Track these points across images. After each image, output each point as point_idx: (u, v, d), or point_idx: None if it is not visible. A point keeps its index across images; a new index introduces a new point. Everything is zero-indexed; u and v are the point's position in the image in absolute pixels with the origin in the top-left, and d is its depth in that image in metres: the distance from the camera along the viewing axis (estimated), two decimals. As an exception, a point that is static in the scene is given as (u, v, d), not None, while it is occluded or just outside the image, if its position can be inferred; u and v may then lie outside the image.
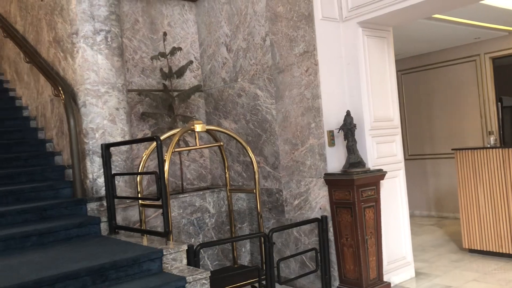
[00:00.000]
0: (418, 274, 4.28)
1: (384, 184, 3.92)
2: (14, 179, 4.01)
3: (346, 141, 3.75)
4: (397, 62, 4.32)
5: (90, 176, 3.93)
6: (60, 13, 4.29)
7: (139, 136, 4.71)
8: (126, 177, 4.01)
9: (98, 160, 3.92)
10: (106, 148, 3.65)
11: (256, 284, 3.62)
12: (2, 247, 3.11)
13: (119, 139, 4.04)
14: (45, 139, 4.79)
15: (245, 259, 4.60)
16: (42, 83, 4.84)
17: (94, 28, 4.03)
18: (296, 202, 4.13)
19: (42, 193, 3.89)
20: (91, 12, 4.04)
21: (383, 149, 4.05)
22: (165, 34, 4.62)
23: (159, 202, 3.13)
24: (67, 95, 3.99)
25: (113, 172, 3.70)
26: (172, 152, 3.55)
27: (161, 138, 3.22)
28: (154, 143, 3.68)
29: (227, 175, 4.31)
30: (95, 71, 4.01)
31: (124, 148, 4.05)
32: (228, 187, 4.31)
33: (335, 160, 3.86)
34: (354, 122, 3.75)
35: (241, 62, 4.63)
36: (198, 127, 3.75)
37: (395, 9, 3.61)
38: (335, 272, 3.85)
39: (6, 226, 3.38)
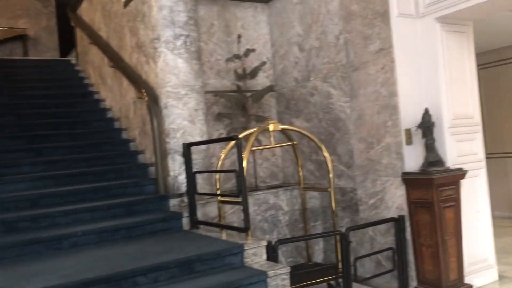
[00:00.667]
0: (501, 277, 4.10)
1: (465, 184, 3.80)
2: (104, 176, 4.31)
3: (425, 139, 3.68)
4: (476, 56, 4.16)
5: (172, 173, 4.14)
6: (142, 19, 4.55)
7: (215, 135, 4.89)
8: (204, 174, 4.18)
9: (179, 159, 4.12)
10: (187, 147, 3.84)
11: (333, 282, 3.65)
12: (96, 239, 3.38)
13: (197, 139, 4.22)
14: (129, 138, 5.10)
15: (318, 257, 4.63)
16: (125, 86, 5.16)
17: (175, 33, 4.24)
18: (372, 201, 4.11)
19: (128, 189, 4.16)
20: (172, 18, 4.25)
21: (463, 147, 3.92)
22: (239, 36, 4.76)
23: (238, 199, 3.25)
24: (150, 97, 4.23)
25: (193, 170, 3.88)
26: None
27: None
28: (232, 142, 3.83)
29: (300, 174, 4.37)
30: (176, 74, 4.22)
31: (202, 147, 4.23)
32: (301, 186, 4.37)
33: (413, 159, 3.80)
34: (433, 119, 3.67)
35: (314, 61, 4.66)
36: (273, 127, 3.85)
37: (477, 3, 3.49)
38: (412, 272, 3.79)
39: (98, 220, 3.66)
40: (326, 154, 3.97)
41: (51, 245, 3.19)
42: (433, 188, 3.48)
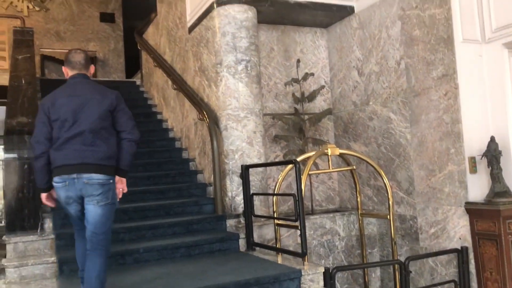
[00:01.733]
0: None
1: (534, 216, 3.60)
2: (165, 194, 4.48)
3: (490, 169, 3.54)
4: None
5: (229, 194, 4.24)
6: (206, 45, 4.74)
7: (272, 157, 4.94)
8: (261, 196, 4.24)
9: (236, 180, 4.21)
10: (245, 169, 3.92)
11: (390, 312, 3.56)
12: (157, 256, 3.50)
13: (255, 160, 4.30)
14: (189, 158, 5.27)
15: (375, 285, 4.53)
16: (187, 107, 5.35)
17: (236, 58, 4.38)
18: (432, 230, 3.99)
19: (188, 208, 4.29)
20: (234, 44, 4.39)
21: (532, 178, 3.74)
22: (298, 61, 4.83)
23: (296, 223, 3.27)
24: (211, 119, 4.37)
25: (251, 191, 3.95)
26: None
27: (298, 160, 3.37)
28: (289, 165, 3.87)
29: (358, 199, 4.33)
30: (236, 97, 4.34)
31: (260, 168, 4.30)
32: (359, 211, 4.32)
33: (477, 188, 3.66)
34: (500, 148, 3.54)
35: (373, 85, 4.64)
36: (332, 151, 3.85)
37: (548, 28, 3.36)
38: (476, 307, 3.62)
39: (159, 237, 3.79)
40: (385, 179, 3.92)
41: (115, 260, 3.35)
42: (500, 220, 3.34)
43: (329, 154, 3.77)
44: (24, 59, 5.52)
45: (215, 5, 4.46)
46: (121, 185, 2.81)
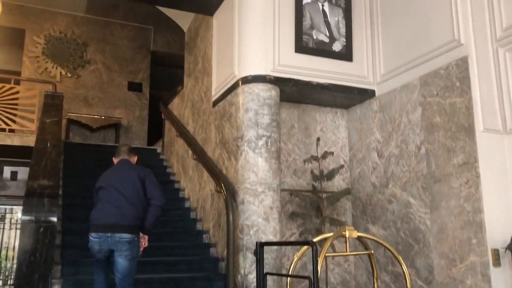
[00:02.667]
0: None
1: None
2: (176, 267, 4.39)
3: (515, 263, 3.41)
4: None
5: (242, 271, 4.12)
6: (229, 119, 4.86)
7: (287, 234, 4.85)
8: (275, 275, 4.11)
9: (250, 256, 4.12)
10: (260, 246, 3.83)
11: None
12: (163, 333, 3.36)
13: (271, 237, 4.22)
14: (203, 230, 5.22)
15: None
16: (205, 178, 5.38)
17: (257, 133, 4.46)
18: (453, 324, 3.77)
19: (197, 283, 4.18)
20: (256, 120, 4.49)
21: (559, 275, 3.57)
22: (318, 139, 4.88)
23: (310, 308, 3.13)
24: (229, 192, 4.37)
25: (264, 270, 3.84)
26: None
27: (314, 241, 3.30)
28: (305, 246, 3.78)
29: (375, 285, 4.15)
30: (255, 172, 4.36)
31: (274, 246, 4.21)
32: (376, 298, 4.13)
33: (502, 283, 3.50)
34: (524, 242, 3.42)
35: (393, 168, 4.63)
36: (350, 233, 3.77)
37: None
38: None
39: (167, 313, 3.67)
40: (404, 267, 3.77)
41: (120, 334, 3.22)
42: (526, 319, 3.15)
43: (347, 236, 3.69)
44: (51, 123, 5.71)
45: (240, 83, 4.62)
46: (143, 241, 3.62)
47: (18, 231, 7.34)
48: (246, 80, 4.57)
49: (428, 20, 4.31)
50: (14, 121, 7.46)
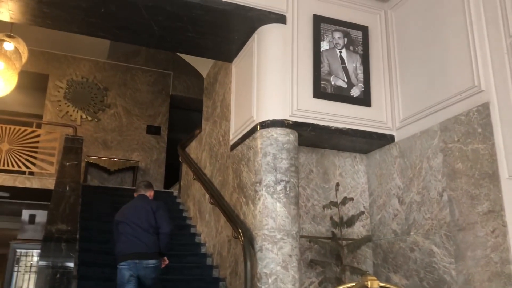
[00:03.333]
0: None
1: None
2: (192, 317, 4.27)
3: (548, 318, 3.23)
4: None
5: (260, 322, 3.99)
6: (247, 163, 4.84)
7: (306, 283, 4.71)
8: (294, 327, 3.97)
9: (269, 307, 3.99)
10: (279, 296, 3.72)
11: None
12: None
13: (289, 286, 4.10)
14: (219, 277, 5.11)
15: None
16: (222, 223, 5.32)
17: (276, 178, 4.42)
18: None
19: (214, 334, 4.04)
20: (274, 164, 4.47)
21: None
22: (337, 184, 4.81)
23: None
24: (246, 238, 4.29)
25: (283, 321, 3.71)
26: (345, 308, 3.46)
27: (336, 293, 3.19)
28: (326, 296, 3.65)
29: None
30: (273, 218, 4.30)
31: (293, 296, 4.08)
32: None
33: None
34: (557, 295, 3.25)
35: (415, 215, 4.52)
36: (372, 283, 3.63)
37: None
38: None
39: None
40: (429, 320, 3.61)
41: None
42: None
43: (370, 286, 3.56)
44: (71, 166, 5.77)
45: (258, 127, 4.64)
46: (163, 262, 4.42)
47: (32, 275, 7.28)
48: (265, 124, 4.59)
49: (447, 66, 4.32)
50: (34, 164, 7.56)
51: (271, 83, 4.67)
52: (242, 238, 4.30)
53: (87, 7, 4.48)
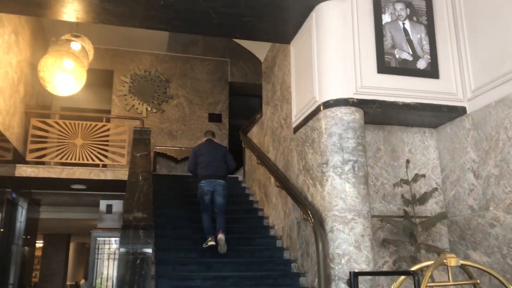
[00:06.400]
0: None
1: None
2: (267, 297, 4.34)
3: None
4: None
5: (335, 302, 3.97)
6: (311, 145, 4.80)
7: (380, 263, 4.63)
8: (370, 307, 3.92)
9: (343, 287, 3.96)
10: (354, 276, 3.67)
11: None
12: None
13: (363, 266, 4.05)
14: (290, 259, 5.13)
15: None
16: (290, 206, 5.33)
17: (343, 158, 4.35)
18: None
19: (289, 314, 4.08)
20: (341, 144, 4.39)
21: None
22: (408, 161, 4.65)
23: None
24: (316, 220, 4.27)
25: (359, 301, 3.67)
26: None
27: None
28: (402, 277, 3.57)
29: (483, 318, 3.81)
30: (343, 198, 4.24)
31: (368, 276, 4.03)
32: (484, 332, 3.78)
33: None
34: None
35: (493, 189, 4.28)
36: (452, 261, 3.50)
37: None
38: None
39: None
40: (516, 298, 3.42)
41: None
42: None
43: (449, 265, 3.43)
44: (141, 157, 5.99)
45: (322, 107, 4.57)
46: None
47: (112, 262, 7.70)
48: (328, 104, 4.51)
49: (523, 28, 4.01)
50: (106, 157, 7.94)
51: (332, 61, 4.57)
52: (312, 220, 4.28)
53: (146, 1, 4.59)
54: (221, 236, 5.27)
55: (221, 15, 4.87)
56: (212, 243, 5.28)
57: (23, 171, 7.16)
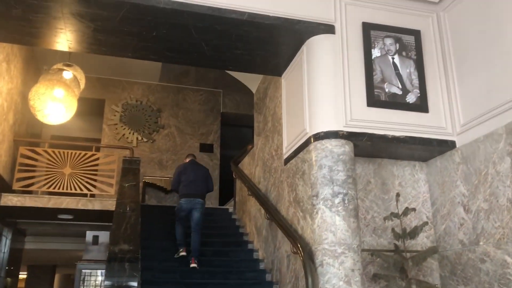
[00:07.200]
0: None
1: None
2: (255, 334, 4.22)
3: None
4: None
5: None
6: (302, 177, 4.78)
7: (370, 298, 4.55)
8: None
9: (333, 323, 3.87)
10: (344, 313, 3.60)
11: None
12: None
13: (353, 303, 3.96)
14: (280, 294, 5.03)
15: None
16: (280, 238, 5.26)
17: (333, 191, 4.32)
18: None
19: None
20: (331, 176, 4.37)
21: None
22: (398, 195, 4.64)
23: None
24: (306, 253, 4.20)
25: (349, 339, 3.58)
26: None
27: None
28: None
29: None
30: (333, 231, 4.19)
31: (358, 312, 3.94)
32: None
33: None
34: None
35: (483, 224, 4.27)
36: (442, 298, 3.45)
37: None
38: None
39: None
40: (508, 337, 3.37)
41: None
42: None
43: (440, 301, 3.37)
44: (130, 187, 5.91)
45: (312, 139, 4.57)
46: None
47: (98, 294, 7.49)
48: (318, 136, 4.52)
49: (509, 65, 4.09)
50: (94, 186, 7.84)
51: (322, 94, 4.61)
52: (302, 253, 4.22)
53: (139, 32, 4.63)
54: (194, 265, 5.60)
55: (213, 47, 4.92)
56: (183, 253, 5.85)
57: (9, 200, 7.03)
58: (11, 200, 7.04)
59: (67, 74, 7.23)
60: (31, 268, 13.92)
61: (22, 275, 13.34)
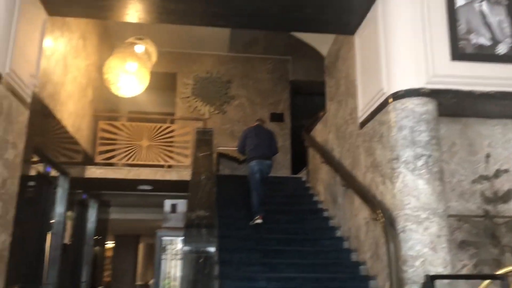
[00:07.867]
0: None
1: None
2: (334, 301, 4.12)
3: None
4: None
5: (409, 308, 3.68)
6: (380, 140, 4.51)
7: (457, 266, 4.25)
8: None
9: (417, 291, 3.66)
10: (430, 280, 3.38)
11: None
12: None
13: (440, 270, 3.72)
14: (359, 261, 4.87)
15: None
16: (357, 205, 5.06)
17: (415, 153, 4.04)
18: None
19: (359, 319, 3.84)
20: (412, 138, 4.08)
21: None
22: (487, 156, 4.28)
23: None
24: (386, 219, 3.99)
25: (437, 307, 3.37)
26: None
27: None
28: (486, 281, 3.23)
29: None
30: (416, 196, 3.93)
31: (445, 280, 3.69)
32: None
33: None
34: None
35: None
36: (545, 266, 3.12)
37: None
38: None
39: None
40: None
41: None
42: None
43: (543, 269, 3.05)
44: (204, 157, 5.95)
45: (391, 99, 4.28)
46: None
47: (178, 262, 7.76)
48: (398, 95, 4.22)
49: None
50: (171, 157, 8.04)
51: (401, 49, 4.28)
52: (382, 219, 4.01)
53: (206, -2, 4.54)
54: (259, 221, 5.86)
55: (281, 8, 4.72)
56: (259, 221, 5.82)
57: (93, 172, 7.40)
58: (95, 172, 7.40)
59: (139, 47, 7.36)
60: (117, 237, 14.80)
61: (110, 244, 14.25)
